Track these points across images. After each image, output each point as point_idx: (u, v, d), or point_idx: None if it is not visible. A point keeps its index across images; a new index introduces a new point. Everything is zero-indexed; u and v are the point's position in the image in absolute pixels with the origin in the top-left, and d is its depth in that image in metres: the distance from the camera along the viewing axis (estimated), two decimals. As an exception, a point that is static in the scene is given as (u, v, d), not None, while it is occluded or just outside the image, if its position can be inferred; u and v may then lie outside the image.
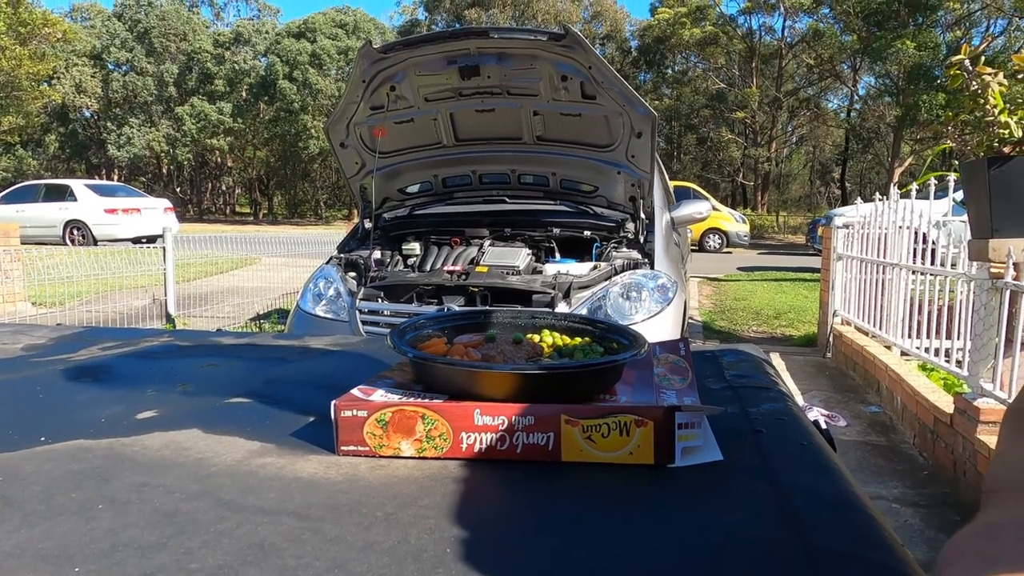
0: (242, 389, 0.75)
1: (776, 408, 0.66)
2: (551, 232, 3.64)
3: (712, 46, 30.23)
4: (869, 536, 0.41)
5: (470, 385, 0.57)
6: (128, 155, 34.08)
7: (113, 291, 6.00)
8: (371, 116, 3.48)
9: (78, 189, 14.14)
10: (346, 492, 0.48)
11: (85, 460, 0.55)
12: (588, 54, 2.93)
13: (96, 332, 1.10)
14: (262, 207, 40.53)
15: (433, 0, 40.11)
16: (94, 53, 34.58)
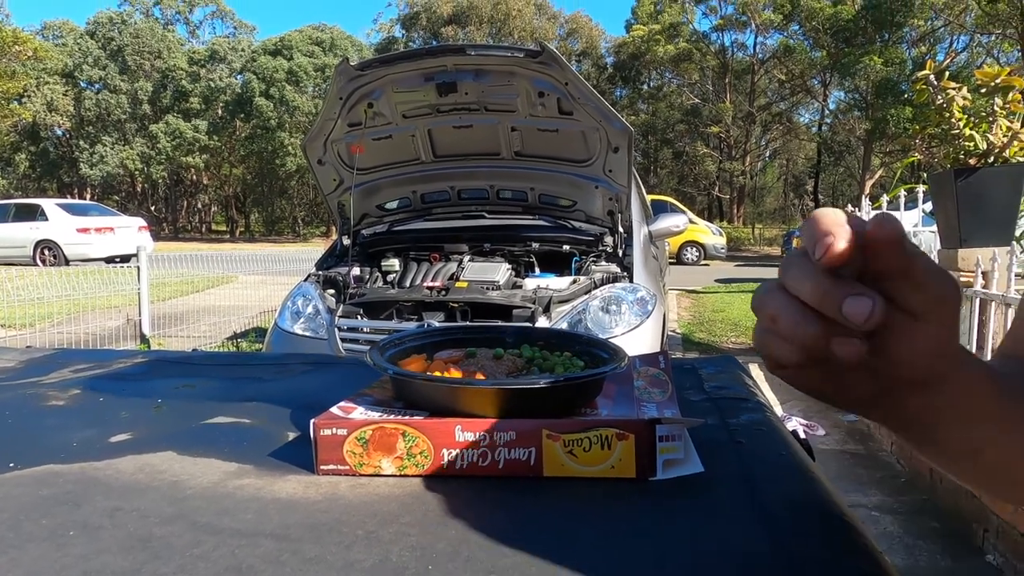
0: (218, 410, 0.74)
1: (756, 419, 0.66)
2: (530, 247, 3.65)
3: (686, 62, 30.76)
4: (849, 544, 0.42)
5: (451, 401, 0.57)
6: (101, 174, 33.63)
7: (85, 312, 5.89)
8: (349, 133, 3.48)
9: (49, 208, 13.89)
10: (326, 511, 0.48)
11: (56, 485, 0.53)
12: (564, 70, 2.96)
13: (67, 354, 1.08)
14: (239, 225, 40.16)
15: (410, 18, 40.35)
16: (66, 71, 34.18)
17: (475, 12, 38.09)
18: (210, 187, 39.74)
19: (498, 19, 38.14)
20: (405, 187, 3.89)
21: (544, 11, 40.07)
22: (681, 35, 30.81)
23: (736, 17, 29.86)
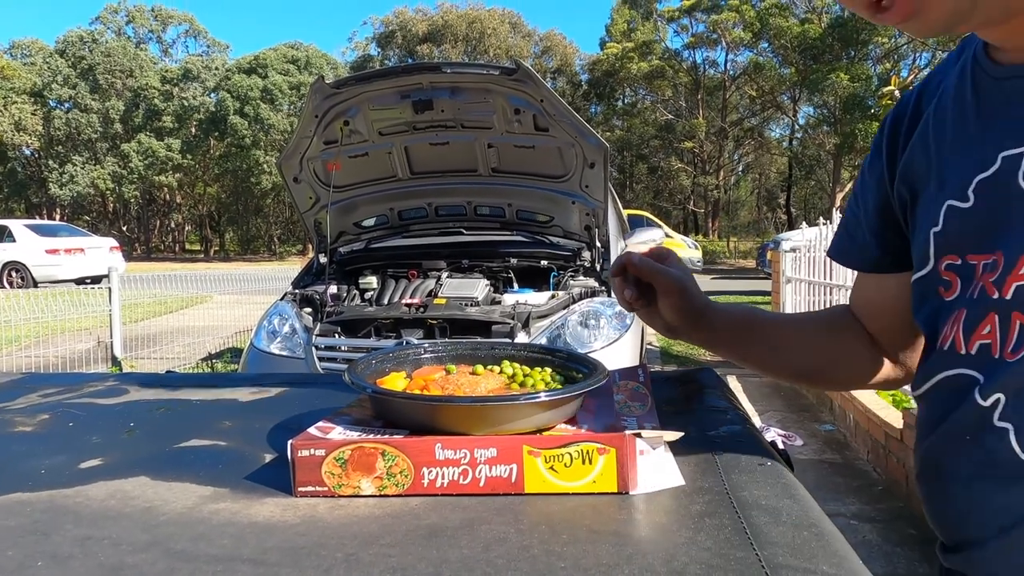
0: (193, 432, 0.73)
1: (734, 430, 0.67)
2: (508, 262, 3.66)
3: (659, 79, 31.26)
4: (829, 553, 0.42)
5: (431, 419, 0.56)
6: (71, 194, 33.08)
7: (55, 335, 5.76)
8: (325, 150, 3.47)
9: (16, 229, 13.62)
10: (304, 535, 0.47)
11: (23, 515, 0.52)
12: (539, 87, 2.99)
13: (36, 378, 1.06)
14: (213, 244, 39.71)
15: (385, 36, 40.52)
16: (35, 90, 33.68)
17: (450, 30, 38.39)
18: (184, 206, 39.29)
19: (473, 37, 38.48)
20: (382, 204, 3.89)
21: (519, 29, 40.53)
22: (654, 53, 31.34)
23: (707, 35, 30.47)
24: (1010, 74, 0.59)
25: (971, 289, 0.60)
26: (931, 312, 0.65)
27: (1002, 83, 0.60)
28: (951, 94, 0.66)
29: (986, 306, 0.58)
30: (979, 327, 0.58)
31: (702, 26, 30.56)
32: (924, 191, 0.68)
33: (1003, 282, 0.56)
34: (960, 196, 0.62)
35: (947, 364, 0.62)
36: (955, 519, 0.60)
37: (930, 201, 0.66)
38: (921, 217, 0.68)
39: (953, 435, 0.59)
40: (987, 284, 0.58)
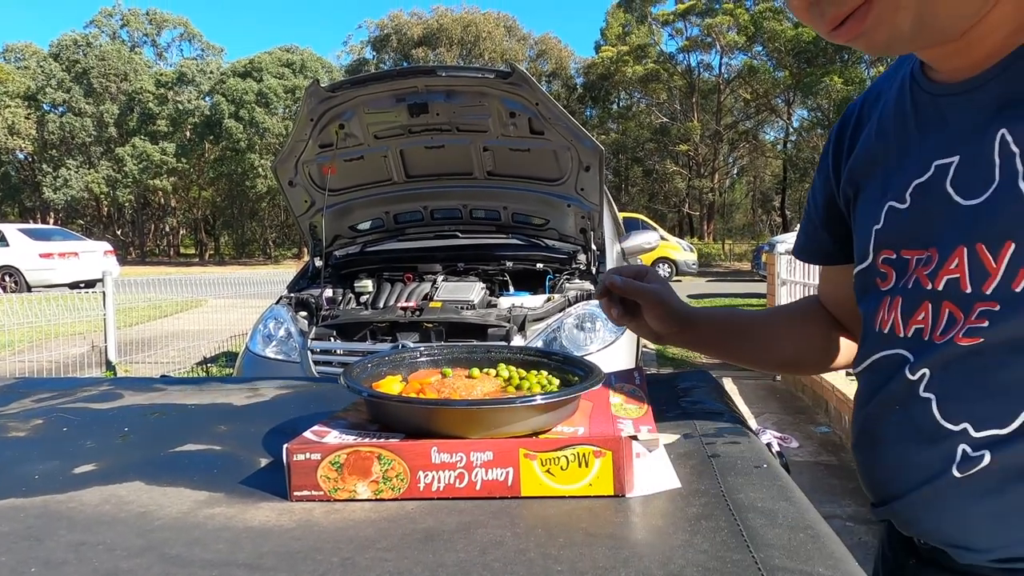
0: (188, 437, 0.73)
1: (730, 433, 0.67)
2: (504, 265, 3.66)
3: (654, 82, 31.35)
4: (825, 555, 0.42)
5: (427, 422, 0.56)
6: (65, 198, 32.98)
7: (48, 339, 5.73)
8: (320, 154, 3.47)
9: (10, 233, 13.55)
10: (300, 539, 0.47)
11: (17, 520, 0.51)
12: (535, 91, 3.00)
13: (29, 383, 1.05)
14: (208, 248, 39.61)
15: (380, 39, 40.55)
16: (28, 94, 33.58)
17: (445, 34, 38.44)
18: (178, 210, 39.21)
19: (468, 41, 38.54)
20: (378, 208, 3.88)
21: (514, 33, 40.61)
22: (649, 56, 31.44)
23: (701, 39, 30.58)
24: (943, 91, 0.67)
25: (906, 280, 0.69)
26: (871, 300, 0.74)
27: (936, 99, 0.68)
28: (892, 106, 0.75)
29: (921, 296, 0.66)
30: (915, 314, 0.66)
31: (696, 29, 30.67)
32: (867, 192, 0.77)
33: (936, 275, 0.64)
34: (899, 198, 0.70)
35: (884, 345, 0.70)
36: (883, 478, 0.69)
37: (873, 201, 0.75)
38: (864, 215, 0.77)
39: (885, 405, 0.68)
40: (921, 276, 0.66)
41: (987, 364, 0.60)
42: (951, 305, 0.63)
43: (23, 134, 33.16)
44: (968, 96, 0.64)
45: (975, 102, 0.63)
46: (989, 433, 0.60)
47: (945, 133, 0.66)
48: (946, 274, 0.63)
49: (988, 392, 0.61)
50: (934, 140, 0.68)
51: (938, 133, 0.67)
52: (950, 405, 0.63)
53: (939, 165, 0.66)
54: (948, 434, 0.63)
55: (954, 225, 0.63)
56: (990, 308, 0.60)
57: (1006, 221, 0.59)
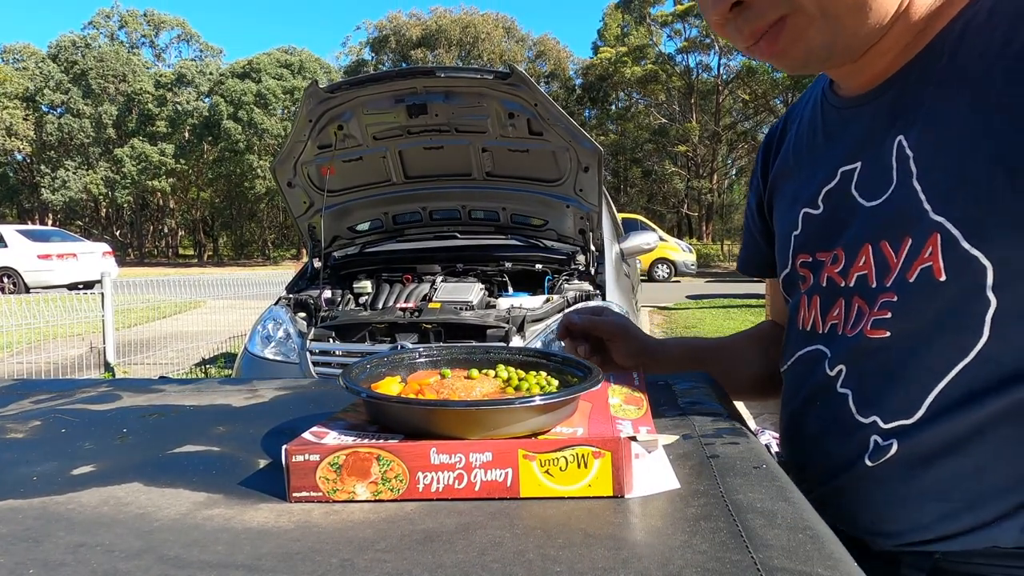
0: (187, 438, 0.72)
1: (729, 433, 0.67)
2: (503, 266, 3.66)
3: (653, 83, 31.39)
4: (824, 555, 0.42)
5: (426, 423, 0.56)
6: (63, 199, 32.95)
7: (47, 340, 5.73)
8: (319, 155, 3.47)
9: (8, 235, 13.54)
10: (298, 540, 0.47)
11: (15, 522, 0.51)
12: (533, 92, 3.00)
13: (28, 384, 1.05)
14: (207, 248, 39.59)
15: (379, 40, 40.57)
16: (26, 95, 33.56)
17: (444, 35, 38.45)
18: (177, 211, 39.18)
19: (467, 42, 38.55)
20: (376, 208, 3.89)
21: (512, 34, 40.63)
22: (647, 57, 31.47)
23: (700, 39, 30.61)
24: (846, 104, 0.73)
25: (820, 279, 0.74)
26: (795, 304, 0.80)
27: (841, 111, 0.74)
28: (806, 121, 0.81)
29: (836, 293, 0.71)
30: (831, 310, 0.72)
31: (695, 30, 30.70)
32: (783, 200, 0.83)
33: (847, 273, 0.69)
34: (812, 204, 0.76)
35: (806, 342, 0.77)
36: (808, 467, 0.75)
37: (788, 209, 0.81)
38: (783, 223, 0.82)
39: (808, 401, 0.74)
40: (834, 275, 0.71)
41: (892, 357, 0.64)
42: (859, 300, 0.68)
43: (21, 135, 33.14)
44: (866, 107, 0.70)
45: (872, 112, 0.69)
46: (897, 424, 0.65)
47: (848, 141, 0.72)
48: (856, 271, 0.68)
49: (895, 384, 0.65)
50: (839, 148, 0.73)
51: (842, 142, 0.73)
52: (863, 398, 0.68)
53: (844, 171, 0.72)
54: (861, 426, 0.67)
55: (860, 225, 0.68)
56: (890, 299, 0.64)
57: (903, 218, 0.63)
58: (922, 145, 0.63)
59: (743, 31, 0.63)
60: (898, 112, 0.66)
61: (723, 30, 0.65)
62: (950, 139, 0.61)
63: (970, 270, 0.59)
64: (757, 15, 0.61)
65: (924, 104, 0.64)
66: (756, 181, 0.92)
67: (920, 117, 0.64)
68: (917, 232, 0.62)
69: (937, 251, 0.60)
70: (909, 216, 0.63)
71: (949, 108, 0.62)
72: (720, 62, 31.40)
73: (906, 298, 0.63)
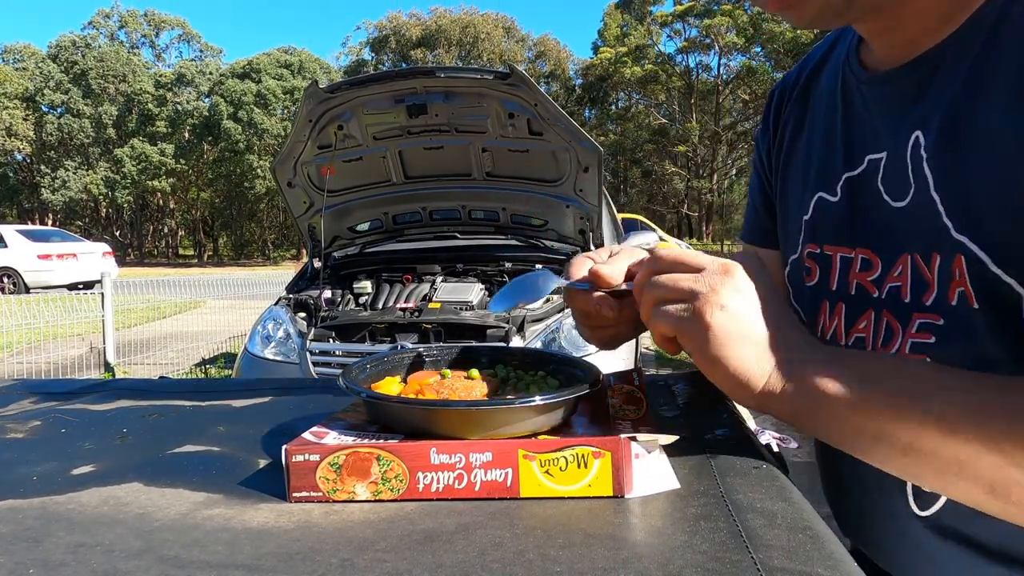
0: (187, 438, 0.73)
1: (729, 433, 0.67)
2: (503, 266, 3.66)
3: (653, 83, 31.40)
4: (824, 555, 0.42)
5: (426, 423, 0.56)
6: (63, 199, 32.96)
7: (47, 340, 5.73)
8: (319, 155, 3.47)
9: (8, 235, 13.54)
10: (299, 540, 0.47)
11: (15, 521, 0.51)
12: (533, 92, 3.00)
13: (27, 385, 1.05)
14: (207, 249, 39.60)
15: (379, 40, 40.57)
16: (26, 95, 33.56)
17: (444, 35, 38.45)
18: (177, 211, 39.19)
19: (467, 42, 38.55)
20: (376, 208, 3.88)
21: (512, 34, 40.63)
22: (647, 57, 31.48)
23: (700, 40, 30.61)
24: (872, 80, 0.61)
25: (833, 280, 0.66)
26: (803, 299, 0.71)
27: (863, 88, 0.62)
28: (828, 88, 0.70)
29: (865, 303, 0.62)
30: (857, 322, 0.63)
31: (695, 31, 30.72)
32: (795, 171, 0.72)
33: (881, 283, 0.60)
34: (830, 190, 0.66)
35: None
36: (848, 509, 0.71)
37: (800, 186, 0.71)
38: (793, 202, 0.72)
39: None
40: (866, 283, 0.62)
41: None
42: (889, 315, 0.60)
43: (21, 135, 33.15)
44: (888, 88, 0.59)
45: (894, 97, 0.59)
46: None
47: (871, 125, 0.62)
48: (890, 281, 0.59)
49: None
50: (862, 131, 0.63)
51: (865, 124, 0.63)
52: None
53: (872, 159, 0.61)
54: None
55: (890, 228, 0.59)
56: (933, 321, 0.56)
57: (927, 230, 0.54)
58: (941, 148, 0.53)
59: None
60: (921, 102, 0.55)
61: None
62: (976, 146, 0.51)
63: (1003, 297, 0.50)
64: None
65: (948, 98, 0.53)
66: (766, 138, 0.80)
67: (943, 114, 0.53)
68: (943, 249, 0.53)
69: (964, 274, 0.52)
70: (931, 229, 0.54)
71: (979, 108, 0.51)
72: (720, 62, 31.42)
73: (952, 323, 0.54)
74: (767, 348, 0.52)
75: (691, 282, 0.53)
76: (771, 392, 0.52)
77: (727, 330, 0.51)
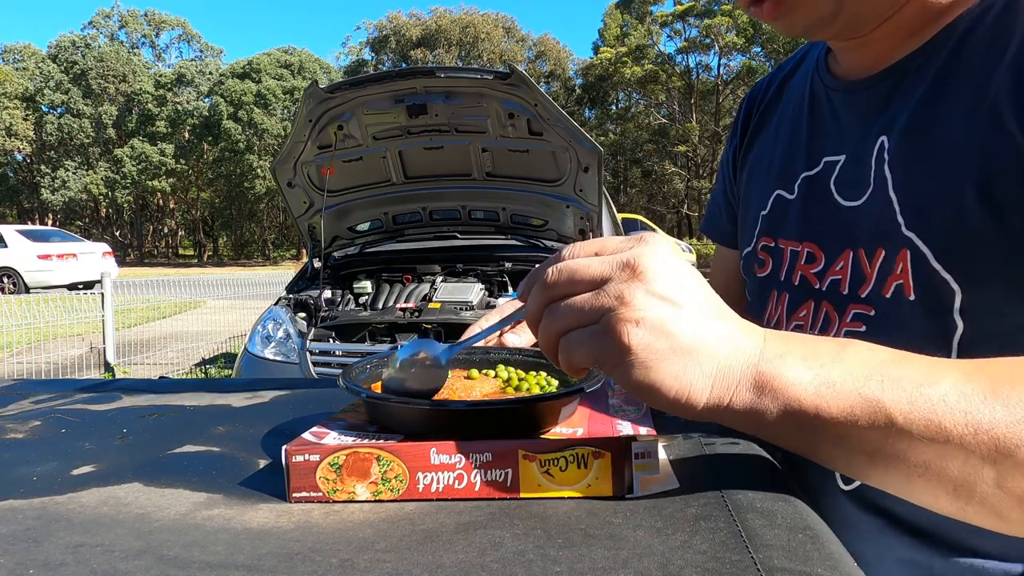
0: (187, 438, 0.73)
1: (729, 433, 0.67)
2: (503, 266, 3.66)
3: (653, 83, 31.40)
4: (824, 555, 0.42)
5: (425, 424, 0.56)
6: (63, 199, 32.96)
7: (47, 340, 5.73)
8: (319, 155, 3.47)
9: (8, 235, 13.55)
10: (299, 540, 0.47)
11: (15, 522, 0.51)
12: (533, 92, 3.00)
13: (28, 385, 1.05)
14: (207, 249, 39.60)
15: (379, 40, 40.58)
16: (26, 95, 33.57)
17: (444, 35, 38.45)
18: (177, 211, 39.20)
19: (467, 42, 38.56)
20: (376, 209, 3.89)
21: (512, 34, 40.63)
22: (647, 57, 31.48)
23: (700, 40, 30.62)
24: (839, 87, 0.67)
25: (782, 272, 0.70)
26: (754, 289, 0.76)
27: (831, 93, 0.68)
28: (795, 92, 0.76)
29: (806, 293, 0.67)
30: (798, 310, 0.68)
31: (695, 31, 30.72)
32: (759, 169, 0.78)
33: (823, 275, 0.65)
34: (788, 188, 0.71)
35: None
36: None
37: (761, 183, 0.76)
38: (753, 198, 0.77)
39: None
40: (809, 275, 0.67)
41: None
42: (828, 305, 0.64)
43: (21, 135, 33.15)
44: (861, 95, 0.64)
45: (866, 103, 0.63)
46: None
47: (837, 129, 0.67)
48: (831, 275, 0.64)
49: None
50: (827, 134, 0.68)
51: (829, 128, 0.68)
52: None
53: (828, 161, 0.67)
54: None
55: (837, 226, 0.64)
56: (864, 312, 0.61)
57: (878, 227, 0.59)
58: (902, 151, 0.59)
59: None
60: (887, 110, 0.61)
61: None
62: (933, 150, 0.56)
63: (939, 291, 0.55)
64: None
65: (912, 105, 0.59)
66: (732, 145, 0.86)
67: (905, 119, 0.59)
68: (889, 245, 0.58)
69: (907, 268, 0.57)
70: (883, 226, 0.59)
71: (938, 115, 0.56)
72: (720, 62, 31.43)
73: (883, 314, 0.59)
74: (702, 356, 0.44)
75: (593, 300, 0.44)
76: (716, 406, 0.46)
77: (650, 349, 0.43)
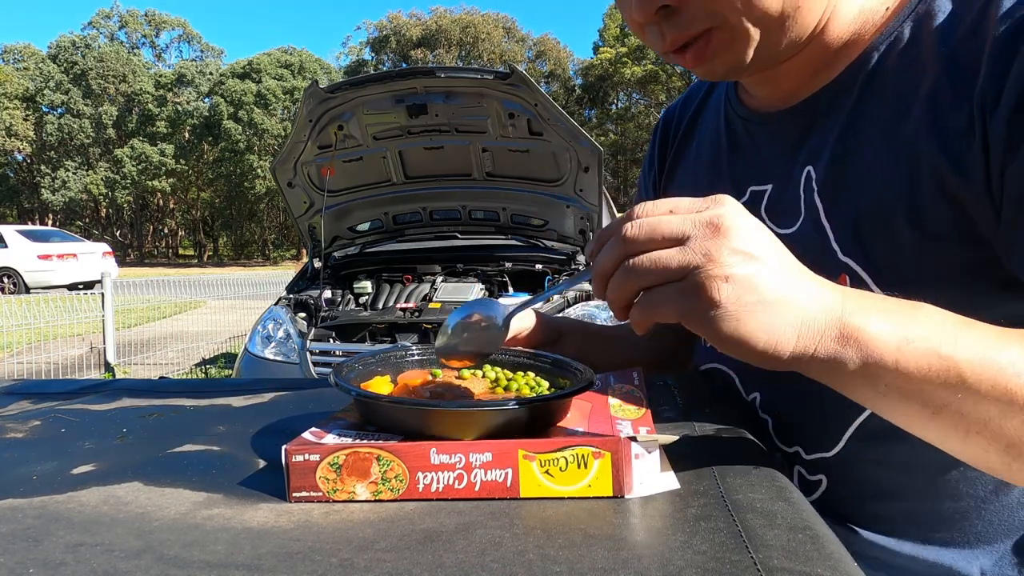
0: (187, 438, 0.73)
1: (729, 433, 0.67)
2: (503, 266, 3.66)
3: (653, 83, 31.41)
4: (824, 556, 0.42)
5: (417, 424, 0.56)
6: (63, 199, 32.96)
7: (47, 341, 5.73)
8: (319, 155, 3.47)
9: (8, 235, 13.55)
10: (299, 540, 0.47)
11: (15, 521, 0.51)
12: (534, 92, 3.00)
13: (28, 385, 1.05)
14: (207, 249, 39.60)
15: (379, 40, 40.58)
16: (26, 95, 33.57)
17: (444, 35, 38.46)
18: (177, 211, 39.21)
19: (467, 42, 38.56)
20: (377, 209, 3.89)
21: (512, 34, 40.63)
22: (647, 57, 31.49)
23: (700, 40, 30.61)
24: (756, 118, 0.71)
25: None
26: None
27: (750, 124, 0.72)
28: (710, 123, 0.78)
29: None
30: None
31: (695, 31, 30.74)
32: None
33: None
34: None
35: (708, 358, 0.77)
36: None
37: None
38: None
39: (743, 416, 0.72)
40: None
41: (809, 388, 0.56)
42: None
43: (21, 135, 33.15)
44: (777, 126, 0.68)
45: (784, 134, 0.67)
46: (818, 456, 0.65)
47: (758, 159, 0.70)
48: None
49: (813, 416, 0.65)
50: (748, 164, 0.72)
51: (752, 158, 0.71)
52: (783, 427, 0.68)
53: (755, 191, 0.69)
54: (786, 455, 0.67)
55: None
56: None
57: (815, 254, 0.60)
58: (829, 181, 0.62)
59: (665, 37, 0.61)
60: (808, 141, 0.65)
61: (642, 31, 0.62)
62: (860, 179, 0.59)
63: None
64: (685, 24, 0.59)
65: (834, 137, 0.62)
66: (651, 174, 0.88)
67: (830, 151, 0.62)
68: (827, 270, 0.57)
69: None
70: (819, 253, 0.61)
71: (861, 145, 0.60)
72: (720, 62, 31.45)
73: None
74: (787, 308, 0.46)
75: (679, 257, 0.46)
76: (802, 355, 0.48)
77: (740, 303, 0.45)
